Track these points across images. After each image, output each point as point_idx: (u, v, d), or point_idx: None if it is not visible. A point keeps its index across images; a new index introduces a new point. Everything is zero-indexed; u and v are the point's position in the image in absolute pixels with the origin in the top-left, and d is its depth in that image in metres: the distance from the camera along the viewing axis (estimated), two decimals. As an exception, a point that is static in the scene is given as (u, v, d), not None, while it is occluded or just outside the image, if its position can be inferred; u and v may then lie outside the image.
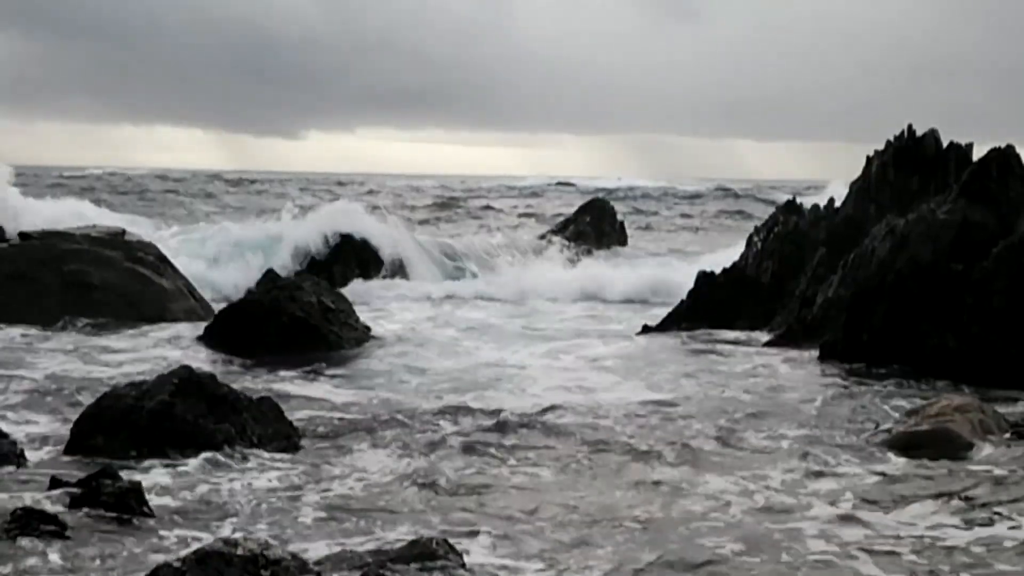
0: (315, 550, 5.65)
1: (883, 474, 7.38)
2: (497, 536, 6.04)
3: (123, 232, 16.22)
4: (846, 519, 6.42)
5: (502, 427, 8.68)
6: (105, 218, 21.71)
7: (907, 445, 8.04)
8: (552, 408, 9.45)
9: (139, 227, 20.32)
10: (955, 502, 6.69)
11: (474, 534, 6.07)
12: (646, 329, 15.12)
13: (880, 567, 5.66)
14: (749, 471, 7.45)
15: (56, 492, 6.50)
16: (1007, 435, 8.20)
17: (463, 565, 5.48)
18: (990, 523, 6.33)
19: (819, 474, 7.39)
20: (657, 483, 7.19)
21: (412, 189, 60.85)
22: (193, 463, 7.41)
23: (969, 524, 6.32)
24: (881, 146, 15.67)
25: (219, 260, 20.49)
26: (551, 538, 6.04)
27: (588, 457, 7.85)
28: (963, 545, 5.99)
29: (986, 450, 7.91)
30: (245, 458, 7.59)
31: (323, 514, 6.39)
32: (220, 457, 7.56)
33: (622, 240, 25.77)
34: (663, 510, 6.61)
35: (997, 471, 7.40)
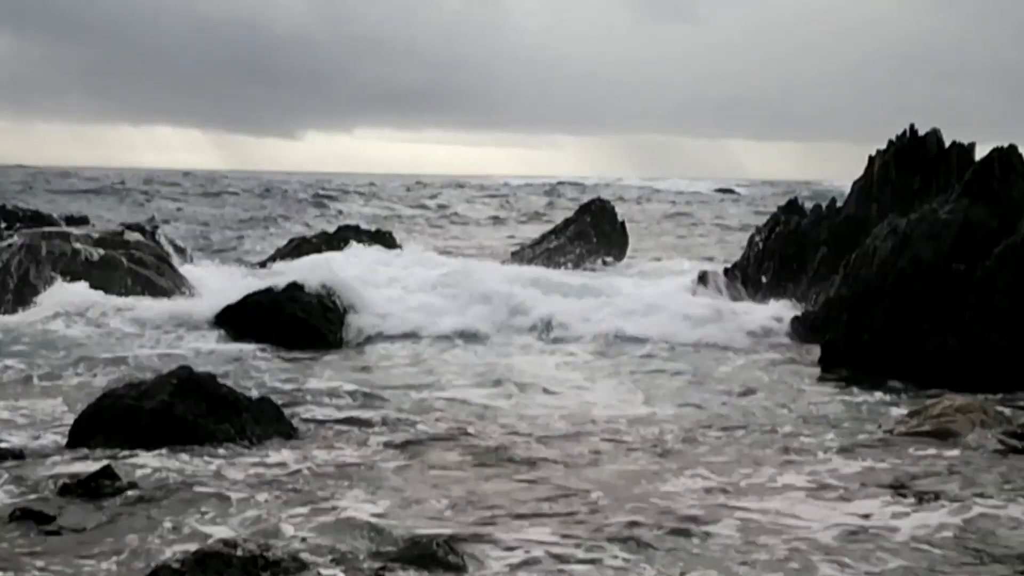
0: (315, 550, 5.62)
1: (881, 474, 7.36)
2: (494, 534, 6.02)
3: (123, 232, 16.19)
4: (835, 520, 6.39)
5: (497, 423, 8.71)
6: None
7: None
8: (544, 405, 9.52)
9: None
10: (944, 502, 6.68)
11: (474, 531, 6.04)
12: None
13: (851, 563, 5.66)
14: (745, 469, 7.43)
15: (55, 492, 6.49)
16: (1003, 436, 8.17)
17: (463, 565, 5.46)
18: (975, 521, 6.33)
19: (814, 474, 7.35)
20: (641, 475, 7.22)
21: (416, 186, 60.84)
22: (194, 463, 7.39)
23: (958, 521, 6.33)
24: (882, 146, 15.69)
25: None
26: (545, 534, 6.02)
27: (583, 456, 7.83)
28: (952, 545, 5.99)
29: (982, 449, 7.91)
30: (245, 458, 7.57)
31: (324, 514, 6.36)
32: (220, 457, 7.54)
33: (623, 241, 25.64)
34: (641, 499, 6.64)
35: (989, 471, 7.39)
